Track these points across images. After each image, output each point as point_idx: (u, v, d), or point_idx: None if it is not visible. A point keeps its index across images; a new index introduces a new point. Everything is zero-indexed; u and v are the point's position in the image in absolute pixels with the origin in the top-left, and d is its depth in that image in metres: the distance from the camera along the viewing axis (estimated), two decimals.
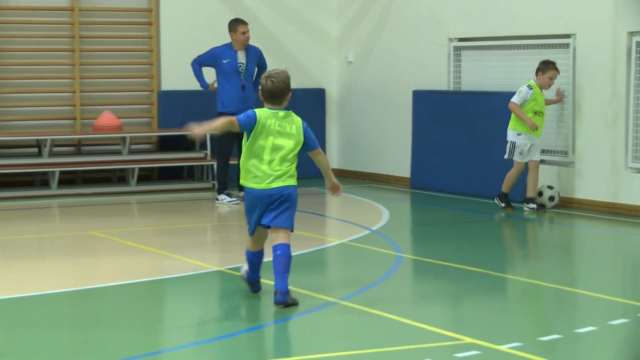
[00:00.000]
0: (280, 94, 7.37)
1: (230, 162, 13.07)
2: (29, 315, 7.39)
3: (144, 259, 9.51)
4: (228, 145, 13.06)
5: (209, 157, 14.39)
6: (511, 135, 12.03)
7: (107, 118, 14.40)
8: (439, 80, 14.29)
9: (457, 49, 14.10)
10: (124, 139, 14.36)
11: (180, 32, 15.14)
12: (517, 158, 11.96)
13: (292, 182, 7.40)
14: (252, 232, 7.52)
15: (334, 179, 7.68)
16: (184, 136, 14.70)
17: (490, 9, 13.47)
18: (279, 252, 7.37)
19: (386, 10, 15.10)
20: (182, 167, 15.01)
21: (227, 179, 13.22)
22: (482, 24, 13.64)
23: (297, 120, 7.46)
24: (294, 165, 7.41)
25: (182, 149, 14.91)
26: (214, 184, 14.01)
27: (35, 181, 14.34)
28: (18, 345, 6.55)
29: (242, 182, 7.43)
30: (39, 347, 6.49)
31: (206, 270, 8.93)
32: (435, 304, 7.82)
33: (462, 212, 12.39)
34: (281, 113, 7.39)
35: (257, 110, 7.37)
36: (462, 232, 10.97)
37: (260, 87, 7.43)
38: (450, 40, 14.11)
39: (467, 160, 13.60)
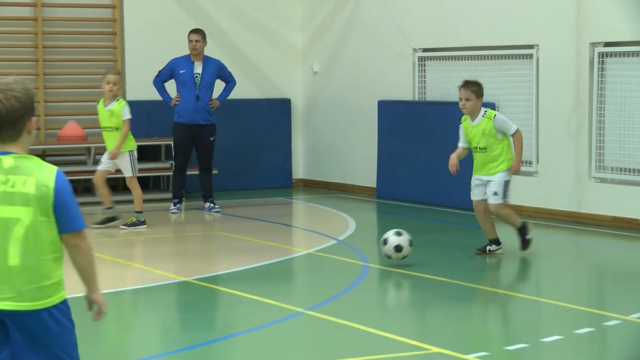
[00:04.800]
0: (11, 120, 4.00)
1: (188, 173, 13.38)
2: None
3: (109, 270, 9.45)
4: (183, 156, 13.17)
5: (174, 168, 14.38)
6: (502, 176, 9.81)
7: (71, 128, 14.33)
8: (404, 90, 14.35)
9: (421, 59, 14.17)
10: (88, 149, 14.30)
11: (144, 42, 15.11)
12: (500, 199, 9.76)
13: (50, 296, 4.05)
14: None
15: (98, 295, 4.24)
16: (149, 146, 14.73)
17: (454, 19, 13.56)
18: None
19: (351, 21, 15.15)
20: (147, 177, 14.97)
21: (182, 189, 13.31)
22: (446, 35, 13.71)
23: (43, 171, 4.02)
24: (50, 259, 4.04)
25: (147, 159, 14.88)
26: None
27: None
28: None
29: None
30: None
31: (172, 281, 8.91)
32: (402, 313, 7.85)
33: (427, 221, 12.44)
34: (8, 160, 4.01)
35: None
36: (428, 241, 11.01)
37: None
38: (415, 50, 14.18)
39: (431, 170, 13.66)
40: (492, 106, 13.01)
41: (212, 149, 13.21)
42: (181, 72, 13.03)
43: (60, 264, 4.08)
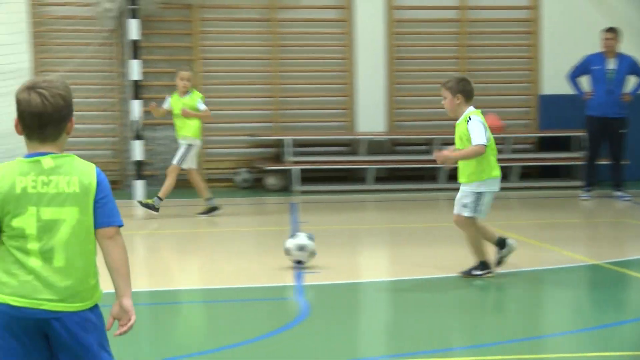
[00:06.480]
0: (53, 119, 3.85)
1: (598, 162, 13.64)
2: (420, 296, 7.99)
3: (524, 250, 9.71)
4: (594, 147, 13.55)
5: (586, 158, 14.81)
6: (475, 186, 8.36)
7: (492, 119, 15.29)
8: None
9: None
10: (431, 140, 15.24)
11: (560, 40, 15.71)
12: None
13: (94, 295, 3.94)
14: None
15: (128, 302, 3.97)
16: (560, 137, 15.30)
17: None
18: None
19: None
20: (558, 166, 15.60)
21: (593, 178, 13.70)
22: None
23: (84, 169, 3.91)
24: (93, 259, 3.94)
25: (558, 149, 15.51)
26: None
27: (424, 175, 15.60)
28: (409, 323, 7.08)
29: None
30: (431, 325, 7.02)
31: (583, 264, 9.21)
32: None
33: None
34: (48, 160, 3.86)
35: None
36: None
37: (17, 111, 3.88)
38: None
39: None
40: None
41: (623, 140, 13.49)
42: (594, 68, 13.49)
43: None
